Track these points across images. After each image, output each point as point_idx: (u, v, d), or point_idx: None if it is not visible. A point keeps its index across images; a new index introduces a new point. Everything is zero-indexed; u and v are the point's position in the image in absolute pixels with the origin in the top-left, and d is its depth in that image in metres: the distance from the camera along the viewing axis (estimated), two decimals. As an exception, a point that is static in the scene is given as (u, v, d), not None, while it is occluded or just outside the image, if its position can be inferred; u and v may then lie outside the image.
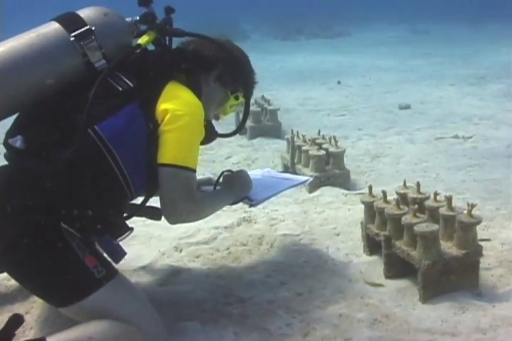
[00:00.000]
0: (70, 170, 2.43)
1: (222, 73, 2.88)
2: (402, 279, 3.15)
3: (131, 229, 2.66)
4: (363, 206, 3.93)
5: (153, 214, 2.84)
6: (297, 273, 3.26)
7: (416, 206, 3.12)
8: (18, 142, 2.49)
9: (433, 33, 20.04)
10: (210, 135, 2.97)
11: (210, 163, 5.47)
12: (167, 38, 2.77)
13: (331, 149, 4.73)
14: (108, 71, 2.52)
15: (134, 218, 3.78)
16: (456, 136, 6.15)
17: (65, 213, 2.45)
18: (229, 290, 3.10)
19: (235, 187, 3.02)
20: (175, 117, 2.53)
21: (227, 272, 3.30)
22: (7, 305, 3.01)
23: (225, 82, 2.90)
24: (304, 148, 4.83)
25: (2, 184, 2.52)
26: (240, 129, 3.20)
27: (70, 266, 2.44)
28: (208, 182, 3.25)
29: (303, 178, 3.53)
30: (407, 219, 3.04)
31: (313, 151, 4.69)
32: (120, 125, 2.51)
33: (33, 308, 2.96)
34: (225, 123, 3.17)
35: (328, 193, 4.49)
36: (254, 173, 3.49)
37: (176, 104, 2.57)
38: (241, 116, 6.47)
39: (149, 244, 3.69)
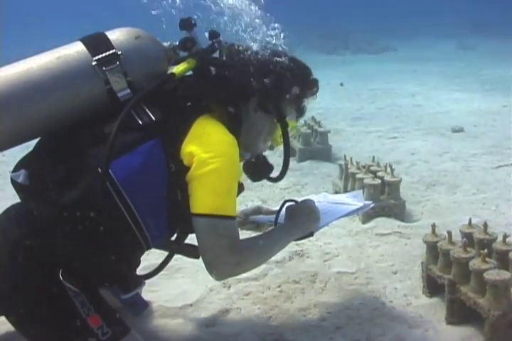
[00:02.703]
0: (72, 215, 2.19)
1: (261, 100, 2.51)
2: (465, 326, 2.94)
3: (143, 283, 2.44)
4: (420, 241, 3.74)
5: (190, 252, 2.58)
6: (353, 317, 3.06)
7: (486, 250, 2.89)
8: (20, 177, 2.29)
9: (480, 50, 19.65)
10: (265, 170, 2.73)
11: (259, 187, 5.29)
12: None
13: (387, 178, 4.52)
14: (133, 104, 2.26)
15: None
16: (514, 164, 5.89)
17: (66, 266, 2.23)
18: (280, 334, 2.93)
19: (300, 221, 2.68)
20: (204, 160, 2.23)
21: (279, 313, 3.12)
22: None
23: (266, 109, 2.53)
24: (358, 176, 4.63)
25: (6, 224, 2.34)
26: (284, 173, 2.76)
27: (71, 326, 2.24)
28: (256, 211, 3.01)
29: (362, 203, 3.12)
30: (476, 264, 2.82)
31: (368, 180, 4.49)
32: (135, 165, 2.24)
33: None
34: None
35: (382, 225, 4.28)
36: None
37: (204, 144, 2.26)
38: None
39: (196, 277, 3.51)
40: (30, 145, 2.47)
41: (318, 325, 3.00)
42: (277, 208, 2.93)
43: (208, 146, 2.26)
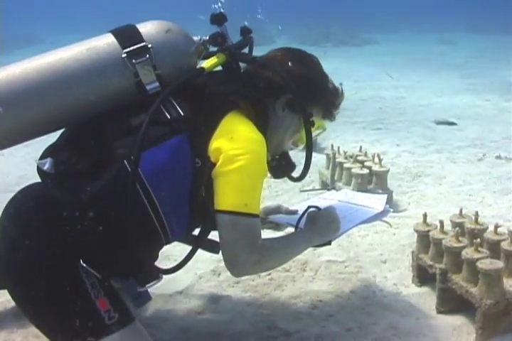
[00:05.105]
0: (94, 205, 2.18)
1: (290, 99, 2.47)
2: (456, 315, 2.96)
3: (160, 277, 2.37)
4: (407, 231, 3.75)
5: (211, 247, 2.58)
6: (344, 305, 3.07)
7: (478, 240, 2.89)
8: (46, 165, 2.27)
9: (461, 44, 19.74)
10: (288, 167, 2.71)
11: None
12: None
13: (375, 168, 4.53)
14: (163, 97, 2.24)
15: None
16: (498, 157, 5.91)
17: (85, 252, 2.21)
18: (272, 321, 2.92)
19: (321, 229, 2.61)
20: (231, 157, 2.21)
21: (270, 301, 3.12)
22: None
23: (294, 108, 2.50)
24: (345, 165, 4.63)
25: (27, 206, 2.30)
26: (306, 173, 2.69)
27: (78, 304, 2.19)
28: (277, 210, 2.95)
29: (382, 208, 2.93)
30: (468, 253, 2.83)
31: (356, 170, 4.49)
32: (161, 159, 2.22)
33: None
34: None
35: (370, 215, 4.26)
36: (327, 197, 3.19)
37: (233, 141, 2.23)
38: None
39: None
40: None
41: (310, 313, 3.00)
42: (296, 207, 2.93)
43: (236, 143, 2.23)
